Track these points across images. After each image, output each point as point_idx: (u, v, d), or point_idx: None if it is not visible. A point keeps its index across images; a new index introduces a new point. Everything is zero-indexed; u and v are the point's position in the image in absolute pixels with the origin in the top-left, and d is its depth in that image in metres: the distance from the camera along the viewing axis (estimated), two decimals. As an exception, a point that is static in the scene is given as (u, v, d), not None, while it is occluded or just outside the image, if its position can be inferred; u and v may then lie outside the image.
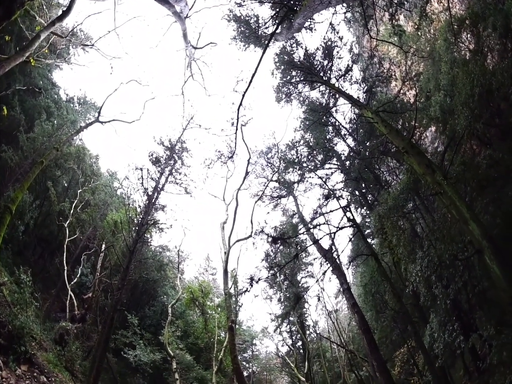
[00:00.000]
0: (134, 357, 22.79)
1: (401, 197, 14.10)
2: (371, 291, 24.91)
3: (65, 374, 18.96)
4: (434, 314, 13.39)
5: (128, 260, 18.52)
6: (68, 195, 28.81)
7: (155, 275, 32.12)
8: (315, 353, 42.03)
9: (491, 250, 8.01)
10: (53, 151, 18.21)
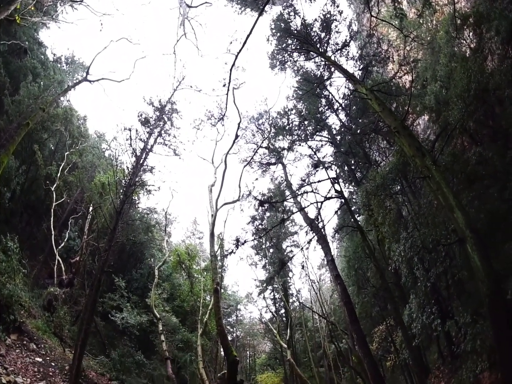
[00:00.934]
0: (121, 320, 22.96)
1: (389, 177, 13.98)
2: (354, 266, 25.27)
3: (54, 340, 19.28)
4: (414, 295, 13.61)
5: (115, 221, 18.22)
6: (55, 158, 28.13)
7: (142, 238, 32.04)
8: (297, 322, 43.13)
9: (473, 241, 8.01)
10: (39, 112, 17.62)
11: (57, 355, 17.86)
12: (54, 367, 16.66)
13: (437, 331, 12.38)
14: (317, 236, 18.43)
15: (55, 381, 15.73)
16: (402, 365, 20.84)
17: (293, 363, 32.04)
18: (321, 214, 19.76)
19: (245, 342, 50.91)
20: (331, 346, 38.20)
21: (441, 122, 13.21)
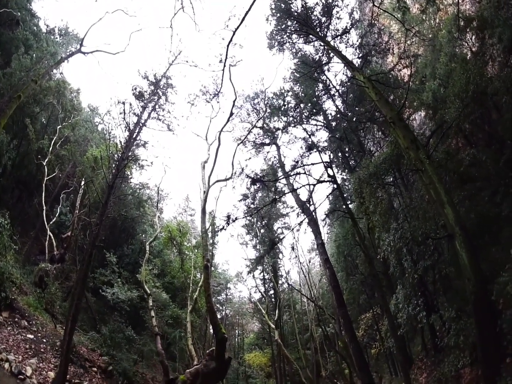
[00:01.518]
0: (112, 295, 22.92)
1: (383, 167, 13.94)
2: (343, 253, 25.55)
3: (45, 316, 19.37)
4: (401, 286, 13.78)
5: (107, 195, 18.00)
6: (47, 132, 27.67)
7: (134, 213, 31.93)
8: (286, 303, 43.64)
9: (462, 238, 8.11)
10: (31, 84, 17.26)
11: (48, 332, 17.98)
12: (46, 344, 16.80)
13: (422, 323, 12.63)
14: (308, 218, 18.49)
15: (47, 358, 15.92)
16: (386, 353, 21.32)
17: (281, 343, 32.58)
18: (312, 197, 19.81)
19: (234, 321, 51.60)
20: (318, 330, 38.83)
21: (437, 119, 13.17)
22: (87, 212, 25.00)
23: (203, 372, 17.26)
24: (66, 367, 14.09)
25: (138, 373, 21.21)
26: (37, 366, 14.77)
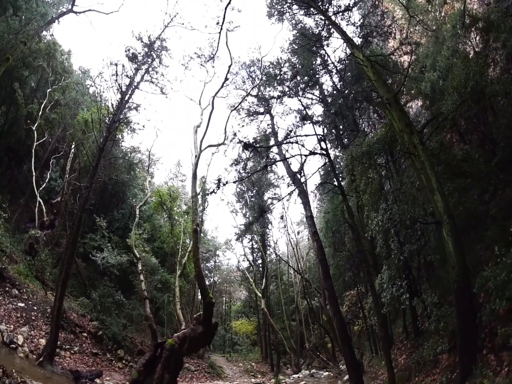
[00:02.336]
0: (102, 260, 23.03)
1: (376, 147, 13.86)
2: (332, 228, 25.84)
3: (36, 284, 19.55)
4: (386, 267, 13.93)
5: (97, 158, 17.84)
6: (37, 96, 27.04)
7: (125, 177, 31.71)
8: (273, 274, 44.41)
9: (449, 226, 8.21)
10: (20, 46, 16.66)
11: (39, 299, 18.19)
12: (37, 311, 17.03)
13: (405, 305, 12.91)
14: (299, 190, 18.39)
15: (38, 325, 16.19)
16: (368, 332, 22.00)
17: (267, 312, 33.40)
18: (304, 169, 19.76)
19: (222, 288, 52.48)
20: (304, 302, 39.75)
21: (434, 110, 13.10)
22: (77, 176, 24.67)
23: (190, 336, 17.71)
24: (56, 334, 14.41)
25: (127, 337, 21.65)
26: (29, 334, 15.03)
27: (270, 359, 34.85)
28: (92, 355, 18.01)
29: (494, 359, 6.06)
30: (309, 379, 25.56)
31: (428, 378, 9.28)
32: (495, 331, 6.53)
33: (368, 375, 16.28)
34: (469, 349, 7.15)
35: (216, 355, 35.44)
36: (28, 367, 12.58)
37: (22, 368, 11.88)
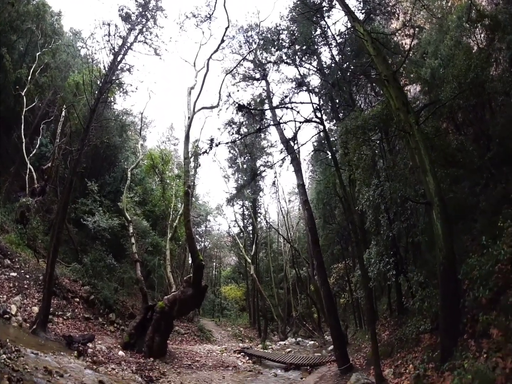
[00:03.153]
0: (93, 224, 23.13)
1: (371, 122, 13.77)
2: (323, 200, 26.08)
3: (28, 252, 19.60)
4: (375, 242, 14.22)
5: (88, 120, 17.47)
6: (26, 61, 26.03)
7: (117, 140, 31.32)
8: (263, 241, 45.10)
9: (440, 208, 8.31)
10: (7, 8, 16.14)
11: (31, 267, 18.32)
12: (29, 279, 17.20)
13: (391, 282, 13.26)
14: (291, 157, 18.24)
15: (31, 293, 16.39)
16: (353, 306, 22.55)
17: (256, 278, 34.09)
18: (297, 137, 19.65)
19: (212, 253, 53.20)
20: (292, 271, 40.53)
21: (432, 96, 12.98)
22: (68, 140, 24.28)
23: (180, 299, 18.10)
24: (49, 300, 14.57)
25: (118, 301, 22.03)
26: (22, 303, 15.24)
27: (257, 325, 35.81)
28: (84, 320, 18.38)
29: (474, 344, 6.32)
30: (295, 347, 26.47)
31: (410, 355, 9.68)
32: (476, 318, 6.78)
33: (351, 347, 16.88)
34: (451, 331, 7.43)
35: (206, 320, 36.29)
36: (22, 335, 12.81)
37: (16, 337, 12.09)
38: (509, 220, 7.32)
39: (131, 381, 12.68)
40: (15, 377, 8.21)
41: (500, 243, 6.91)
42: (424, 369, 7.84)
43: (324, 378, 13.87)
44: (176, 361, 17.77)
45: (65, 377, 10.28)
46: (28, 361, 10.04)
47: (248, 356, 21.88)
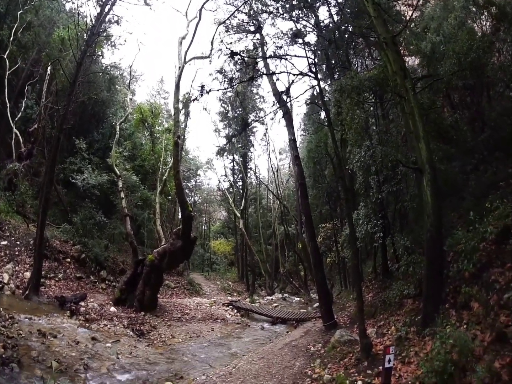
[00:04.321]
0: (82, 181, 23.01)
1: (366, 84, 13.49)
2: (314, 159, 26.02)
3: (18, 218, 19.55)
4: (363, 204, 14.34)
5: (75, 74, 16.83)
6: (7, 22, 24.27)
7: (105, 95, 30.53)
8: (252, 197, 45.38)
9: (430, 176, 8.34)
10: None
11: (21, 233, 18.33)
12: (20, 246, 17.25)
13: (378, 243, 13.48)
14: (283, 111, 17.95)
15: (22, 259, 16.47)
16: (339, 266, 23.07)
17: (245, 232, 34.68)
18: (290, 91, 19.24)
19: (202, 208, 53.41)
20: (281, 228, 41.18)
21: (431, 69, 12.63)
22: (55, 99, 23.47)
23: (170, 251, 18.40)
24: (40, 264, 14.71)
25: (109, 258, 22.29)
26: (14, 270, 15.36)
27: (246, 279, 36.90)
28: (76, 279, 18.65)
29: (455, 315, 6.56)
30: (282, 302, 27.43)
31: (392, 318, 10.04)
32: (459, 289, 6.96)
33: (336, 306, 17.48)
34: (434, 298, 7.65)
35: (195, 274, 37.11)
36: (15, 302, 13.05)
37: (10, 305, 12.34)
38: (497, 201, 7.43)
39: (123, 336, 13.16)
40: (10, 344, 8.50)
41: (487, 222, 7.01)
42: (405, 331, 8.13)
43: (309, 333, 14.41)
44: (167, 314, 18.34)
45: (59, 338, 10.66)
46: (22, 326, 10.40)
47: (236, 309, 22.67)
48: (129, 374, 9.53)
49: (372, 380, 7.13)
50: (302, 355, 10.89)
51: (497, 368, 4.65)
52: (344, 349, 9.57)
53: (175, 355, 12.20)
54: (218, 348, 13.85)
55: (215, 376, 9.40)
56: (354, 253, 10.44)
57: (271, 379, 8.82)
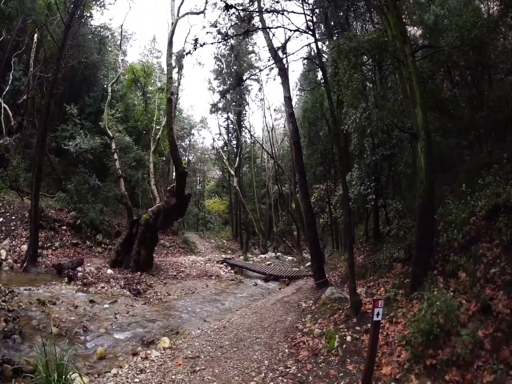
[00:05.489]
0: (75, 147, 22.72)
1: (365, 46, 13.17)
2: (309, 119, 25.78)
3: (12, 193, 19.47)
4: (357, 166, 14.37)
5: (64, 37, 16.25)
6: None
7: (95, 58, 29.54)
8: (247, 156, 45.19)
9: (425, 142, 8.35)
10: None
11: (16, 207, 18.34)
12: (15, 220, 17.33)
13: (370, 205, 13.60)
14: (279, 67, 17.52)
15: (18, 233, 16.64)
16: (332, 228, 23.35)
17: (239, 190, 34.88)
18: (286, 48, 18.74)
19: (196, 167, 53.33)
20: (275, 187, 41.32)
21: (433, 41, 12.25)
22: (43, 68, 22.60)
23: (164, 209, 18.54)
24: (36, 234, 14.82)
25: (104, 221, 22.39)
26: (11, 245, 15.51)
27: (240, 237, 37.53)
28: (72, 246, 18.92)
29: (443, 282, 6.75)
30: (275, 261, 28.00)
31: (382, 280, 10.33)
32: (447, 258, 7.13)
33: (328, 266, 17.88)
34: (423, 263, 7.82)
35: (190, 233, 37.50)
36: (14, 276, 13.34)
37: (9, 280, 12.64)
38: (490, 177, 7.45)
39: (120, 296, 13.49)
40: (10, 317, 8.81)
41: (479, 196, 7.07)
42: (394, 293, 8.39)
43: (301, 290, 14.83)
44: (162, 273, 18.72)
45: (58, 304, 10.97)
46: (22, 298, 10.71)
47: (231, 266, 23.20)
48: (127, 332, 9.88)
49: (361, 336, 7.49)
50: (294, 310, 11.31)
51: (480, 337, 4.86)
52: (334, 305, 9.91)
53: (171, 311, 12.63)
54: (212, 303, 14.29)
55: (209, 330, 9.79)
56: (346, 211, 10.50)
57: (263, 332, 9.22)
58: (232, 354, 7.72)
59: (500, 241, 5.98)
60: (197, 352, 7.82)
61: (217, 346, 8.24)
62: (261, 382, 6.35)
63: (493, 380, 4.23)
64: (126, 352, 8.49)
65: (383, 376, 5.65)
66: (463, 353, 4.82)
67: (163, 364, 7.16)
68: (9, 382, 6.04)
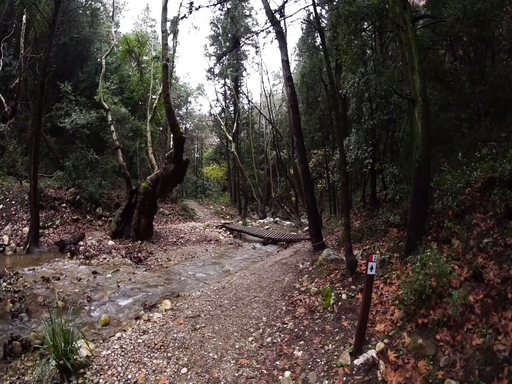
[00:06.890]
0: (71, 123, 22.38)
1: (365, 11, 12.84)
2: (307, 84, 25.45)
3: (10, 179, 19.44)
4: (355, 130, 14.23)
5: (54, 13, 15.79)
6: None
7: (87, 32, 29.11)
8: (244, 122, 44.79)
9: (422, 109, 8.32)
10: None
11: (15, 192, 18.37)
12: (15, 204, 17.43)
13: (367, 169, 13.66)
14: (276, 31, 17.13)
15: (19, 217, 16.78)
16: (329, 193, 23.45)
17: (237, 156, 34.77)
18: (284, 10, 18.30)
19: (193, 135, 52.95)
20: (273, 153, 41.19)
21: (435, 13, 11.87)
22: (34, 48, 21.96)
23: (162, 175, 18.61)
24: (37, 214, 14.86)
25: (103, 194, 22.42)
26: (12, 230, 15.73)
27: (238, 203, 37.69)
28: (73, 222, 19.04)
29: (436, 247, 6.85)
30: (273, 225, 28.35)
31: (377, 243, 10.52)
32: (442, 225, 7.22)
33: (325, 230, 18.11)
34: (418, 228, 7.95)
35: (189, 200, 37.72)
36: (18, 259, 13.55)
37: (13, 263, 12.82)
38: (486, 149, 7.43)
39: (122, 265, 13.78)
40: (17, 297, 9.08)
41: (475, 166, 7.07)
42: (389, 256, 8.60)
43: (299, 252, 15.17)
44: (162, 240, 19.03)
45: (62, 279, 11.26)
46: (27, 278, 10.93)
47: (229, 230, 23.57)
48: (130, 298, 10.17)
49: (356, 295, 7.77)
50: (291, 271, 11.66)
51: (470, 301, 5.01)
52: (330, 266, 10.20)
53: (172, 276, 12.94)
54: (212, 267, 14.71)
55: (209, 291, 10.09)
56: (343, 172, 10.52)
57: (261, 291, 9.56)
58: (231, 312, 8.05)
59: (494, 213, 6.07)
60: (197, 312, 8.12)
61: (217, 305, 8.55)
62: (259, 337, 6.69)
63: (482, 343, 4.38)
64: (129, 317, 8.75)
65: (377, 333, 5.91)
66: (454, 315, 4.99)
67: (165, 325, 7.43)
68: (19, 357, 6.27)
